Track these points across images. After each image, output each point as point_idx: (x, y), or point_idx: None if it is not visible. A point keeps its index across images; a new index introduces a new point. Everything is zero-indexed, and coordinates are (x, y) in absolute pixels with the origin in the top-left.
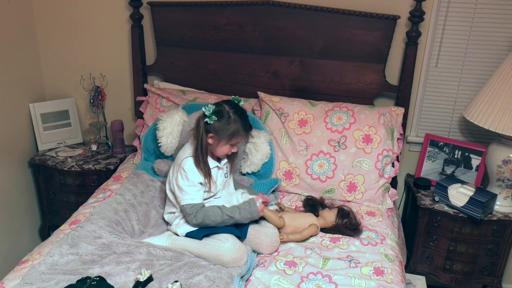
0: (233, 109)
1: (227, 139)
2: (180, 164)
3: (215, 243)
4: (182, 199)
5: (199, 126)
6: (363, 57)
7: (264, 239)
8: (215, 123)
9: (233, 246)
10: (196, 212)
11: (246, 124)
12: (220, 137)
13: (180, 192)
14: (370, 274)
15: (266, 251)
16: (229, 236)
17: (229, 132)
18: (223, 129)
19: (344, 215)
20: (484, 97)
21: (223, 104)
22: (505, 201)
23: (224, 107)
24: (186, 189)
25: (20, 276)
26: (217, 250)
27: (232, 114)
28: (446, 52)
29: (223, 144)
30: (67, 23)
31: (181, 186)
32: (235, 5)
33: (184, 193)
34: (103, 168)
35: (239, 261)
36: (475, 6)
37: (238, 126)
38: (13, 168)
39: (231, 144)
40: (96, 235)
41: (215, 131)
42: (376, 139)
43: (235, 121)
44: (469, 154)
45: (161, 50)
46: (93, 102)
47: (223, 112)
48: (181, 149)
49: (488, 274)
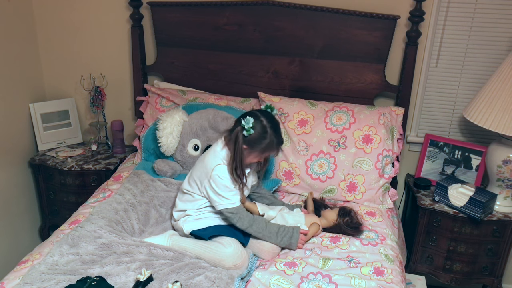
0: (270, 123)
1: (260, 152)
2: (213, 170)
3: (217, 247)
4: (221, 204)
5: (237, 139)
6: (363, 57)
7: (266, 245)
8: (251, 135)
9: (235, 252)
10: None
11: (280, 139)
12: (253, 149)
13: (218, 197)
14: (370, 274)
15: (267, 257)
16: (232, 241)
17: (263, 146)
18: (258, 143)
19: (345, 214)
20: (484, 97)
21: (260, 117)
22: (505, 201)
23: (262, 121)
24: (224, 195)
25: (20, 276)
26: (218, 255)
27: (269, 128)
28: (446, 52)
29: (254, 156)
30: (67, 23)
31: (218, 192)
32: (235, 5)
33: (222, 198)
34: (103, 168)
35: (240, 267)
36: (475, 6)
37: (273, 141)
38: (13, 168)
39: (262, 156)
40: (96, 235)
41: (249, 144)
42: (376, 139)
43: (270, 136)
44: (469, 154)
45: (161, 50)
46: (93, 102)
47: (260, 125)
48: (211, 154)
49: (488, 274)
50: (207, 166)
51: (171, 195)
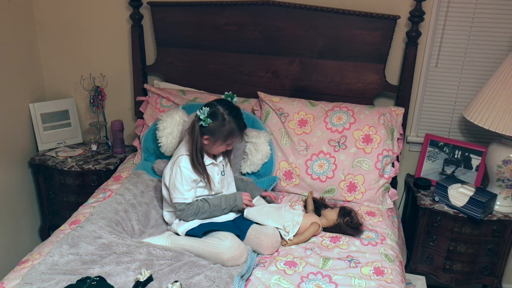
0: (227, 110)
1: (223, 140)
2: (175, 161)
3: (215, 241)
4: (174, 196)
5: (194, 128)
6: (363, 57)
7: (265, 239)
8: (210, 125)
9: (233, 244)
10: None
11: (240, 124)
12: (215, 139)
13: (173, 189)
14: (370, 274)
15: (266, 252)
16: (228, 234)
17: (224, 134)
18: (218, 130)
19: (345, 213)
20: (484, 97)
21: (217, 105)
22: (505, 201)
23: (218, 109)
24: (179, 187)
25: (20, 276)
26: (216, 249)
27: (226, 115)
28: (446, 52)
29: (219, 144)
30: (67, 23)
31: (174, 184)
32: (235, 5)
33: (176, 191)
34: (103, 168)
35: (239, 259)
36: (475, 6)
37: (233, 127)
38: (13, 168)
39: (227, 144)
40: (96, 235)
41: (210, 133)
42: (376, 139)
43: (229, 122)
44: (469, 154)
45: (161, 50)
46: (93, 102)
47: (217, 113)
48: (177, 147)
49: (488, 274)
50: (173, 159)
51: None
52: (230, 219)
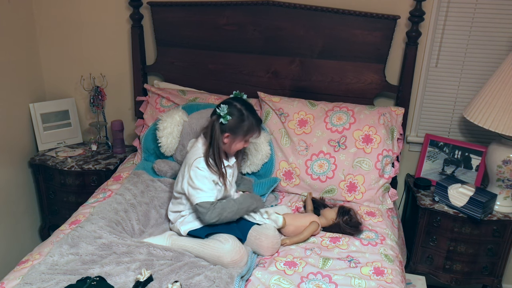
0: (244, 106)
1: (243, 135)
2: (192, 164)
3: (215, 244)
4: (196, 197)
5: (214, 128)
6: (363, 57)
7: (265, 241)
8: (230, 121)
9: (233, 247)
10: (211, 209)
11: (257, 118)
12: (236, 135)
13: (194, 190)
14: (370, 274)
15: (266, 253)
16: (230, 237)
17: (244, 129)
18: (238, 126)
19: (344, 212)
20: (484, 97)
21: (233, 102)
22: (505, 201)
23: (236, 105)
24: (201, 187)
25: (20, 276)
26: (217, 252)
27: (244, 110)
28: (446, 52)
29: (239, 141)
30: (67, 23)
31: (195, 185)
32: (235, 5)
33: (198, 191)
34: (103, 168)
35: (239, 262)
36: (475, 6)
37: (252, 121)
38: (13, 168)
39: (246, 140)
40: (96, 235)
41: (230, 130)
42: (376, 139)
43: (248, 117)
44: (469, 154)
45: (161, 50)
46: (93, 102)
47: (235, 110)
48: (192, 149)
49: (488, 274)
50: (189, 161)
51: (171, 195)
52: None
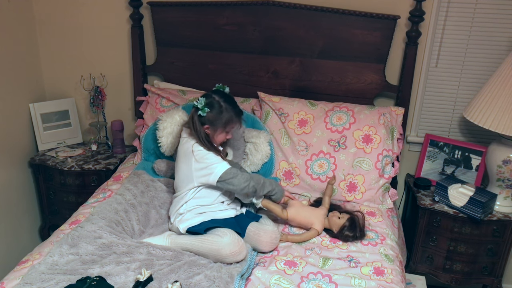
0: (223, 98)
1: (223, 127)
2: (192, 149)
3: (214, 238)
4: (215, 172)
5: (193, 119)
6: (363, 57)
7: (264, 235)
8: (208, 114)
9: (232, 240)
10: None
11: (237, 110)
12: (215, 127)
13: (209, 169)
14: (370, 274)
15: (266, 249)
16: (228, 231)
17: (223, 121)
18: (217, 118)
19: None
20: (484, 97)
21: (212, 95)
22: (505, 201)
23: (214, 98)
24: (214, 161)
25: (20, 276)
26: (215, 245)
27: (222, 103)
28: (446, 52)
29: (219, 132)
30: (67, 23)
31: (208, 162)
32: (235, 5)
33: (213, 166)
34: (103, 168)
35: (238, 254)
36: (475, 6)
37: (231, 114)
38: (13, 168)
39: (227, 131)
40: (96, 235)
41: (209, 122)
42: (376, 139)
43: (227, 109)
44: (469, 154)
45: (161, 50)
46: (93, 102)
47: (213, 102)
48: (183, 143)
49: (488, 274)
50: (186, 150)
51: (171, 195)
52: (231, 216)
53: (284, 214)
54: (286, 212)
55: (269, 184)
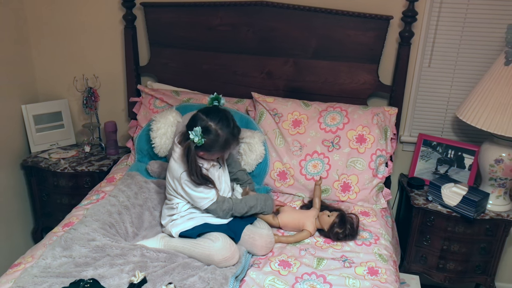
0: (220, 123)
1: (220, 151)
2: (180, 178)
3: (206, 242)
4: (202, 205)
5: (190, 151)
6: (356, 57)
7: (259, 239)
8: (205, 142)
9: (224, 245)
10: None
11: (234, 131)
12: (211, 152)
13: (198, 199)
14: (364, 274)
15: (261, 253)
16: (220, 235)
17: (220, 145)
18: (214, 145)
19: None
20: (476, 97)
21: (208, 121)
22: (497, 200)
23: (210, 125)
24: (198, 195)
25: (12, 280)
26: (208, 250)
27: (218, 129)
28: (438, 52)
29: (216, 155)
30: (60, 24)
31: (191, 195)
32: (228, 5)
33: (198, 199)
34: (96, 169)
35: (230, 260)
36: (467, 7)
37: (228, 137)
38: (5, 170)
39: (224, 152)
40: (89, 238)
41: (205, 149)
42: (369, 139)
43: (223, 136)
44: (462, 154)
45: (154, 50)
46: (86, 103)
47: (210, 130)
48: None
49: (481, 273)
50: (174, 175)
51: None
52: (224, 223)
53: (275, 221)
54: (277, 219)
55: (254, 208)
